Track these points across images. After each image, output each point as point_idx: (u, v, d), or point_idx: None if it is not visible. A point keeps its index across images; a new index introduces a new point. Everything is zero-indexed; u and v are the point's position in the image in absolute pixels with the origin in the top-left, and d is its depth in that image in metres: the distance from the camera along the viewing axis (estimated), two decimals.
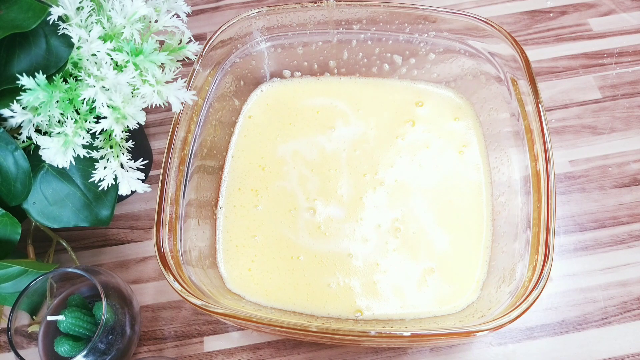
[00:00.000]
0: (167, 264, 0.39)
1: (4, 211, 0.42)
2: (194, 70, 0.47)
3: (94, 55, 0.39)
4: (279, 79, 0.57)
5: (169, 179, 0.43)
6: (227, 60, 0.52)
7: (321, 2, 0.50)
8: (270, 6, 0.51)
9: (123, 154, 0.42)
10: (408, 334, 0.35)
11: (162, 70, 0.40)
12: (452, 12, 0.49)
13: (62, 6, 0.38)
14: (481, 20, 0.48)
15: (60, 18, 0.38)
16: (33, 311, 0.45)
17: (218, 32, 0.49)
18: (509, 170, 0.47)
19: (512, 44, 0.46)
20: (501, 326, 0.35)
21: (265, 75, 0.56)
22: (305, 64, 0.56)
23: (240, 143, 0.54)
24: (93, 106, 0.39)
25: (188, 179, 0.45)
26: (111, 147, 0.42)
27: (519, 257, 0.41)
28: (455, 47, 0.52)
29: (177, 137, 0.45)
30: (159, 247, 0.40)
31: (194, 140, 0.47)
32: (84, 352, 0.40)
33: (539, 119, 0.42)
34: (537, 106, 0.43)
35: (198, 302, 0.37)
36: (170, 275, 0.38)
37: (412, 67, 0.55)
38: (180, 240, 0.42)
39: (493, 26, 0.48)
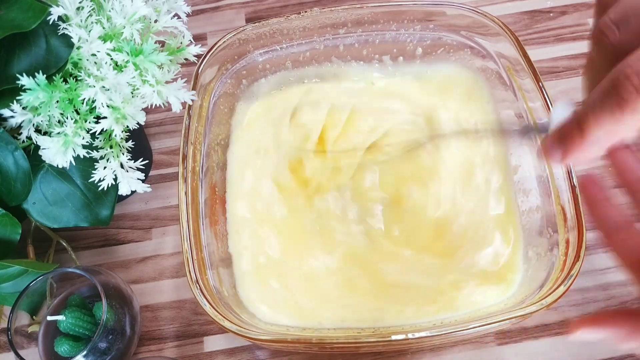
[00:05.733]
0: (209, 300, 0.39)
1: (4, 211, 0.42)
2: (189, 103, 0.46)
3: (94, 55, 0.39)
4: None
5: (189, 217, 0.42)
6: (219, 82, 0.51)
7: (305, 12, 0.50)
8: (254, 23, 0.50)
9: (123, 154, 0.42)
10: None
11: (161, 68, 0.40)
12: (453, 5, 0.49)
13: (62, 6, 0.38)
14: (479, 13, 0.48)
15: (60, 18, 0.38)
16: (33, 311, 0.45)
17: (206, 58, 0.48)
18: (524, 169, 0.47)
19: (512, 40, 0.46)
20: (554, 302, 0.36)
21: (256, 92, 0.55)
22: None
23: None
24: (93, 106, 0.39)
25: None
26: (111, 147, 0.42)
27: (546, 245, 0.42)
28: (456, 45, 0.52)
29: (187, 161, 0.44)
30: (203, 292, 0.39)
31: (202, 156, 0.46)
32: (84, 352, 0.40)
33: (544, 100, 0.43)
34: (542, 94, 0.43)
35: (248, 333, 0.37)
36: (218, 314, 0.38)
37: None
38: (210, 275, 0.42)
39: (494, 20, 0.48)
